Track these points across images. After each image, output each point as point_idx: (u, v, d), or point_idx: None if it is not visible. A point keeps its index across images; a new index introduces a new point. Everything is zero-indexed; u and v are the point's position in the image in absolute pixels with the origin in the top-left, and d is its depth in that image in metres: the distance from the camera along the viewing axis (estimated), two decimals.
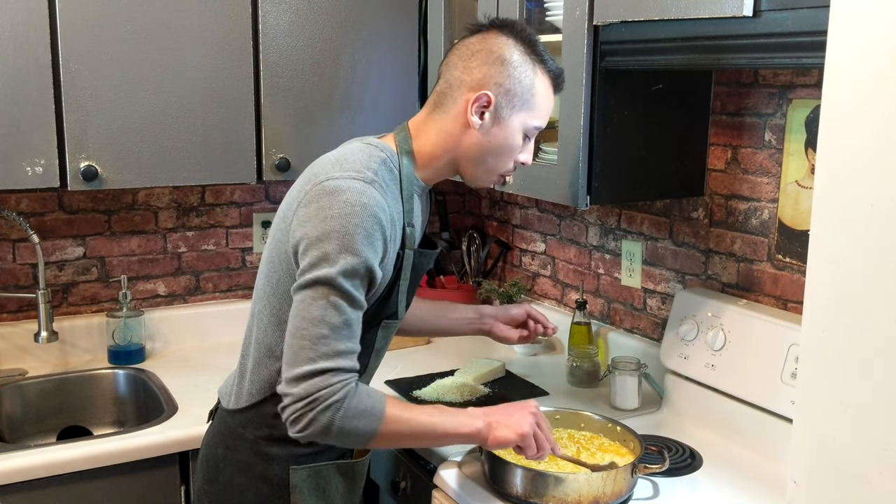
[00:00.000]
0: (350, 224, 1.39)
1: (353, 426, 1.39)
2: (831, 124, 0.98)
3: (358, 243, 1.39)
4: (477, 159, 1.54)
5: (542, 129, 1.57)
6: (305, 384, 1.37)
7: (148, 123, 2.08)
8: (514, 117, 1.52)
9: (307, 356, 1.37)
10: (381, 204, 1.42)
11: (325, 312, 1.38)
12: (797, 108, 1.80)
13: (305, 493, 1.58)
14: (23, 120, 1.95)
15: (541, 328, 1.89)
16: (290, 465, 1.57)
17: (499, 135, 1.52)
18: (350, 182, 1.42)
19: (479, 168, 1.56)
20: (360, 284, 1.42)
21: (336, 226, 1.39)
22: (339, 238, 1.39)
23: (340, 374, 1.38)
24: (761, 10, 1.41)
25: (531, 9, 2.01)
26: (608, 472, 1.53)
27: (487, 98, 1.50)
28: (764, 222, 1.91)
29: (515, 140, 1.53)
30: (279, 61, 2.20)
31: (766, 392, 1.75)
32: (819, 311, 1.01)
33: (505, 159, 1.55)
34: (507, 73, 1.50)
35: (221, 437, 1.63)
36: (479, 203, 2.89)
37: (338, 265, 1.38)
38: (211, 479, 1.63)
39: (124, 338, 2.38)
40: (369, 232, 1.40)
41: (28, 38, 1.93)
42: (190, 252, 2.56)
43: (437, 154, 1.55)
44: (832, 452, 1.00)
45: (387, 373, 2.25)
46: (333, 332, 1.38)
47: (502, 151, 1.54)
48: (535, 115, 1.54)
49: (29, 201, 2.33)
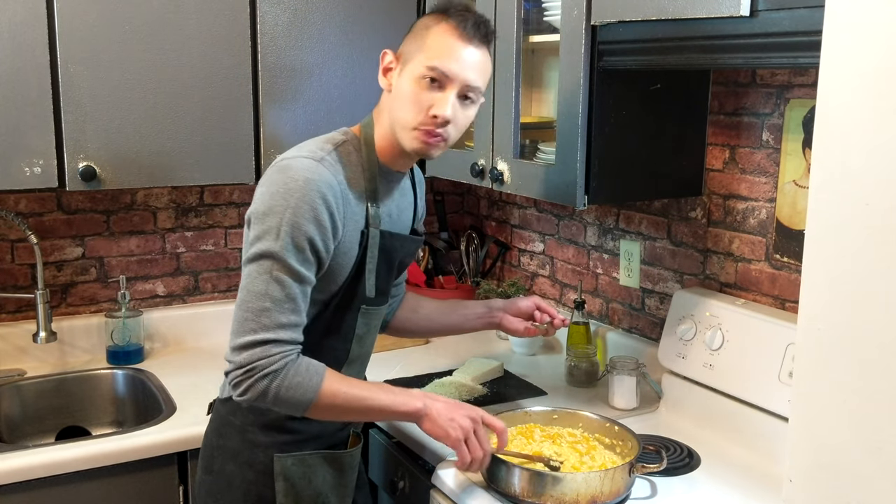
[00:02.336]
0: (293, 199, 1.44)
1: (289, 395, 1.44)
2: (827, 124, 0.98)
3: (300, 217, 1.43)
4: (392, 119, 1.55)
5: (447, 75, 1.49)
6: (246, 353, 1.43)
7: (146, 124, 2.08)
8: (409, 65, 1.52)
9: (250, 328, 1.43)
10: (327, 180, 1.47)
11: (267, 286, 1.44)
12: (795, 108, 1.80)
13: (290, 481, 1.61)
14: (21, 120, 1.95)
15: (547, 318, 1.89)
16: (274, 452, 1.60)
17: (398, 89, 1.54)
18: (299, 161, 1.48)
19: (397, 127, 1.55)
20: (304, 258, 1.45)
21: (280, 201, 1.44)
22: (281, 212, 1.43)
23: (281, 345, 1.44)
24: (758, 10, 1.41)
25: (529, 8, 2.01)
26: (606, 471, 1.53)
27: (386, 54, 1.56)
28: (762, 222, 1.91)
29: (413, 87, 1.51)
30: (277, 62, 2.20)
31: (764, 391, 1.75)
32: (815, 310, 1.01)
33: (408, 109, 1.52)
34: (411, 30, 1.57)
35: (215, 426, 1.67)
36: (478, 203, 2.89)
37: (280, 240, 1.43)
38: (207, 468, 1.66)
39: (123, 338, 2.38)
40: (312, 206, 1.44)
41: (26, 38, 1.93)
42: (189, 252, 2.56)
43: (384, 132, 1.58)
44: (828, 451, 1.00)
45: (385, 373, 2.25)
46: (276, 306, 1.44)
47: (404, 101, 1.52)
48: (427, 57, 1.50)
49: (27, 201, 2.34)
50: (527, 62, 2.32)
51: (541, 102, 2.43)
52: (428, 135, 1.53)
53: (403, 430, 1.92)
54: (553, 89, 2.31)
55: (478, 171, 2.11)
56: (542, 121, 2.27)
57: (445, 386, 2.13)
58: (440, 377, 2.19)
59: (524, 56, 2.01)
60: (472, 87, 1.53)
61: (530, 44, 2.06)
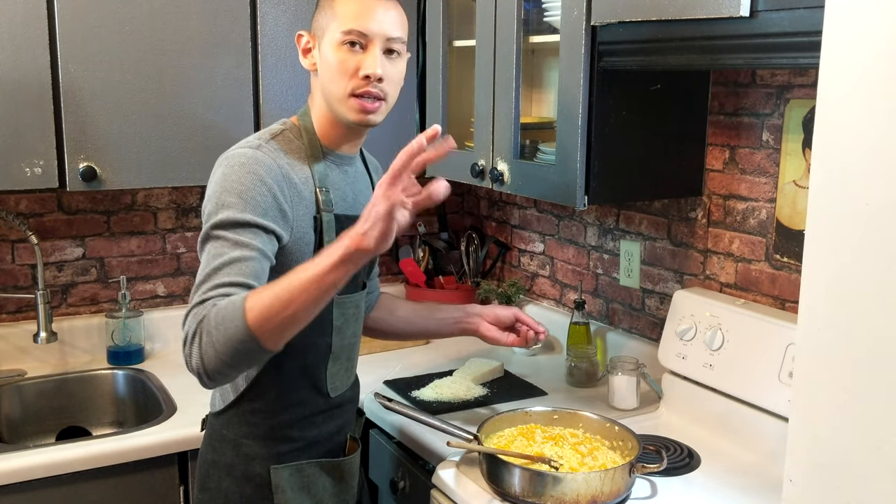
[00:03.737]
0: (227, 182, 1.44)
1: (221, 335, 1.29)
2: (826, 124, 0.98)
3: (234, 197, 1.42)
4: (327, 95, 1.54)
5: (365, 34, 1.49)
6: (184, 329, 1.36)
7: (147, 124, 2.08)
8: (325, 37, 1.52)
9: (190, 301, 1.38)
10: (263, 163, 1.46)
11: (207, 261, 1.40)
12: (794, 108, 1.81)
13: (289, 493, 1.58)
14: (22, 121, 1.95)
15: (532, 333, 1.83)
16: (270, 464, 1.57)
17: (323, 61, 1.53)
18: (236, 151, 1.50)
19: (334, 103, 1.53)
20: (243, 230, 1.40)
21: (217, 188, 1.45)
22: (217, 196, 1.44)
23: (208, 302, 1.34)
24: (758, 11, 1.41)
25: (529, 9, 2.02)
26: (606, 471, 1.53)
27: (306, 38, 1.57)
28: (762, 222, 1.91)
29: (336, 56, 1.50)
30: (278, 62, 2.20)
31: (764, 391, 1.75)
32: (814, 310, 1.01)
33: (338, 78, 1.50)
34: (317, 7, 1.57)
35: (210, 441, 1.63)
36: (478, 203, 2.89)
37: (215, 219, 1.42)
38: (202, 486, 1.63)
39: (123, 338, 2.38)
40: (247, 187, 1.43)
41: (27, 39, 1.94)
42: (189, 253, 2.56)
43: (320, 114, 1.58)
44: (828, 450, 1.00)
45: (385, 373, 2.25)
46: (212, 273, 1.37)
47: (331, 72, 1.51)
48: (341, 23, 1.49)
49: (28, 202, 2.34)
50: (527, 62, 2.32)
51: (541, 103, 2.43)
52: (365, 98, 1.50)
53: (404, 430, 1.92)
54: (553, 90, 2.31)
55: (478, 171, 2.11)
56: (543, 121, 2.28)
57: (446, 386, 2.13)
58: (441, 377, 2.20)
59: (524, 56, 2.01)
60: (394, 39, 1.52)
61: (530, 44, 2.06)
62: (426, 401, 2.06)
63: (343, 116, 1.53)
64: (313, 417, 1.63)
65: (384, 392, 2.07)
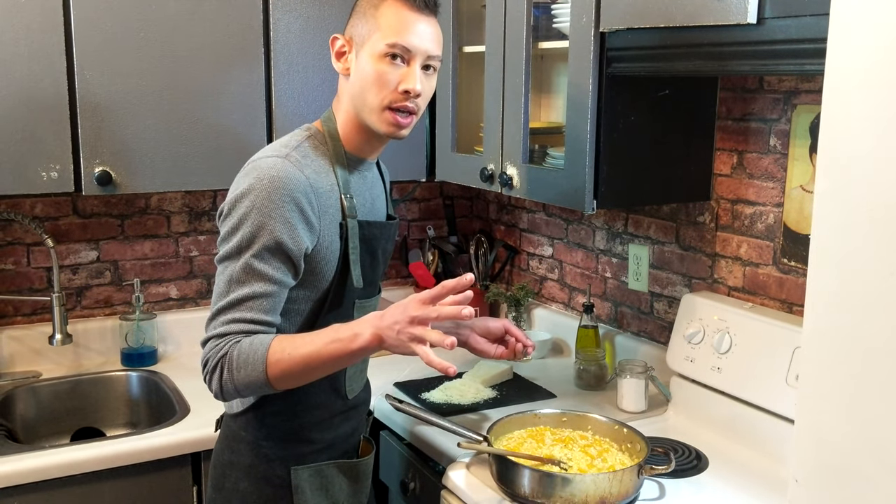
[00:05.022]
0: (257, 199, 1.44)
1: (242, 377, 1.41)
2: (831, 129, 1.00)
3: (267, 218, 1.43)
4: (359, 104, 1.53)
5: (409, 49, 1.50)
6: (203, 351, 1.46)
7: (161, 129, 2.11)
8: (366, 46, 1.51)
9: (210, 325, 1.46)
10: (292, 177, 1.46)
11: (228, 286, 1.45)
12: (802, 114, 1.82)
13: (308, 494, 1.60)
14: (38, 126, 1.98)
15: (520, 346, 1.81)
16: (290, 464, 1.59)
17: (358, 72, 1.53)
18: (265, 160, 1.48)
19: (366, 112, 1.53)
20: (269, 257, 1.44)
21: (246, 203, 1.44)
22: (245, 212, 1.44)
23: (229, 336, 1.43)
24: (765, 18, 1.43)
25: (538, 15, 2.03)
26: (615, 473, 1.54)
27: (336, 40, 1.56)
28: (769, 226, 1.92)
29: (376, 67, 1.50)
30: (290, 68, 2.23)
31: (772, 394, 1.76)
32: (820, 313, 1.02)
33: (375, 90, 1.51)
34: (356, 11, 1.56)
35: (227, 442, 1.64)
36: (487, 207, 2.91)
37: (241, 238, 1.44)
38: (217, 486, 1.64)
39: (137, 340, 2.41)
40: (277, 204, 1.44)
41: (43, 45, 1.96)
42: (202, 256, 2.58)
43: (345, 119, 1.58)
44: (833, 451, 1.02)
45: (395, 375, 2.27)
46: (234, 304, 1.44)
47: (369, 83, 1.51)
48: (384, 35, 1.49)
49: (43, 206, 2.37)
50: (536, 68, 2.34)
51: (550, 108, 2.45)
52: (399, 113, 1.52)
53: (415, 432, 1.94)
54: (562, 95, 2.33)
55: (487, 175, 2.13)
56: (552, 126, 2.29)
57: (456, 388, 2.15)
58: (450, 379, 2.21)
59: (533, 62, 2.03)
60: (433, 57, 1.53)
61: (539, 50, 2.08)
62: (436, 403, 2.08)
63: (373, 126, 1.54)
64: (332, 419, 1.64)
65: (394, 394, 2.09)
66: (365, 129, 1.56)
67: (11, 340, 2.35)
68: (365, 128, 1.56)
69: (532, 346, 1.83)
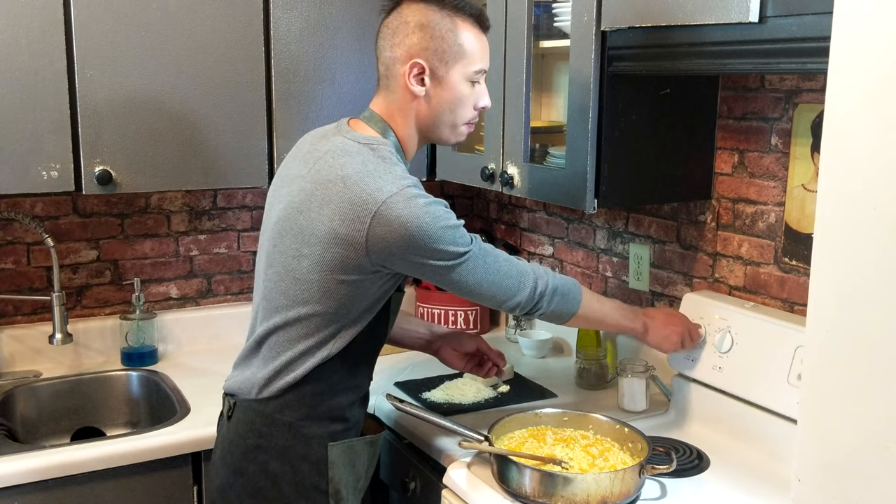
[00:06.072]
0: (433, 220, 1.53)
1: (557, 305, 1.69)
2: (835, 128, 0.99)
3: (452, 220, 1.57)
4: (437, 122, 1.65)
5: (487, 70, 1.66)
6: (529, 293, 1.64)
7: (161, 128, 2.11)
8: (451, 72, 1.61)
9: (521, 283, 1.63)
10: (427, 195, 1.56)
11: (501, 264, 1.62)
12: (803, 113, 1.82)
13: (340, 468, 1.67)
14: (38, 125, 1.98)
15: (494, 369, 1.94)
16: (327, 441, 1.65)
17: (444, 94, 1.62)
18: (405, 193, 1.52)
19: (442, 128, 1.66)
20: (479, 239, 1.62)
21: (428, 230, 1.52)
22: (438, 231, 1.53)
23: (542, 277, 1.67)
24: (767, 17, 1.42)
25: (539, 14, 2.03)
26: (616, 472, 1.54)
27: (420, 66, 1.60)
28: (771, 226, 1.92)
29: (461, 91, 1.62)
30: (290, 67, 2.22)
31: (773, 394, 1.76)
32: (823, 312, 1.02)
33: (460, 112, 1.64)
34: (429, 35, 1.60)
35: (251, 427, 1.65)
36: (488, 206, 2.91)
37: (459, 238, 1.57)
38: (239, 470, 1.65)
39: (137, 340, 2.40)
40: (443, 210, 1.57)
41: (44, 44, 1.96)
42: (202, 255, 2.58)
43: (408, 133, 1.67)
44: (836, 451, 1.02)
45: (396, 374, 2.27)
46: (509, 261, 1.63)
47: (455, 106, 1.63)
48: (471, 61, 1.61)
49: (44, 205, 2.36)
50: (537, 67, 2.34)
51: (550, 107, 2.45)
52: (470, 125, 1.68)
53: (415, 431, 1.93)
54: (563, 94, 2.33)
55: (488, 174, 2.13)
56: (552, 125, 2.29)
57: (456, 388, 2.15)
58: (451, 379, 2.21)
59: (534, 61, 2.03)
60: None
61: (540, 49, 2.08)
62: (437, 402, 2.08)
63: (443, 139, 1.68)
64: (363, 400, 1.73)
65: (395, 393, 2.09)
66: (425, 141, 1.69)
67: (11, 340, 2.35)
68: (426, 140, 1.69)
69: (503, 369, 1.96)
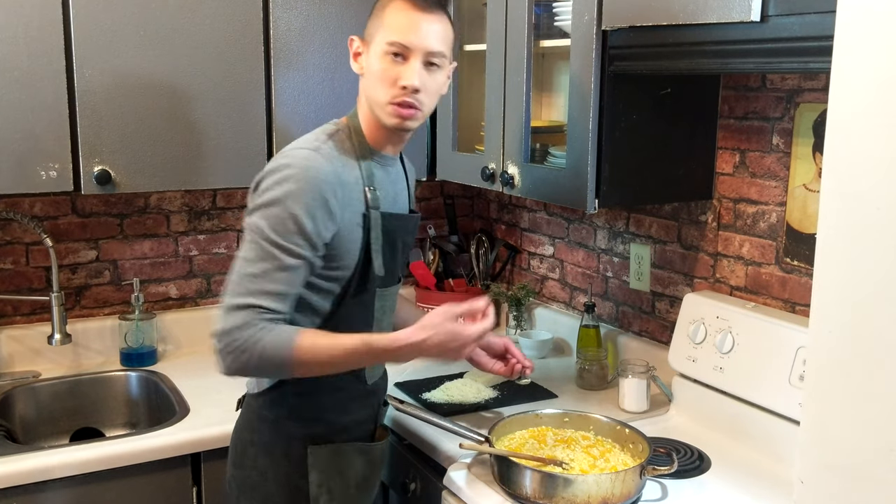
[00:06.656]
0: (290, 188, 1.51)
1: (266, 363, 1.48)
2: (838, 128, 0.99)
3: (296, 204, 1.51)
4: (371, 101, 1.63)
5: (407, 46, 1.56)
6: (231, 317, 1.48)
7: (160, 128, 2.10)
8: (372, 46, 1.61)
9: (237, 291, 1.50)
10: (322, 168, 1.54)
11: (258, 255, 1.51)
12: (805, 112, 1.81)
13: (324, 472, 1.65)
14: (37, 125, 1.97)
15: (519, 367, 1.89)
16: (309, 443, 1.64)
17: (368, 67, 1.62)
18: (298, 151, 1.57)
19: (376, 108, 1.62)
20: (298, 241, 1.51)
21: (280, 190, 1.52)
22: (280, 198, 1.51)
23: (262, 311, 1.48)
24: (769, 16, 1.42)
25: (540, 13, 2.03)
26: (617, 473, 1.54)
27: (357, 43, 1.65)
28: (772, 225, 1.91)
29: (379, 63, 1.59)
30: (290, 66, 2.22)
31: (775, 394, 1.76)
32: (826, 313, 1.02)
33: (380, 86, 1.60)
34: (371, 13, 1.64)
35: (247, 421, 1.71)
36: (488, 206, 2.91)
37: (274, 220, 1.51)
38: (237, 463, 1.70)
39: (136, 340, 2.40)
40: (306, 193, 1.51)
41: (42, 44, 1.96)
42: (201, 255, 2.58)
43: (367, 116, 1.66)
44: (839, 452, 1.01)
45: (396, 375, 2.26)
46: (264, 274, 1.50)
47: (375, 79, 1.60)
48: (387, 34, 1.58)
49: (42, 205, 2.36)
50: (537, 66, 2.33)
51: (551, 107, 2.44)
52: (402, 107, 1.59)
53: (416, 432, 1.93)
54: (563, 93, 2.32)
55: (488, 174, 2.12)
56: (553, 125, 2.29)
57: (457, 388, 2.14)
58: (451, 379, 2.21)
59: (534, 60, 2.02)
60: (435, 53, 1.59)
61: (541, 48, 2.07)
62: (437, 403, 2.07)
63: (383, 120, 1.63)
64: (350, 403, 1.71)
65: (395, 394, 2.09)
66: (380, 124, 1.64)
67: (10, 340, 2.35)
68: (379, 123, 1.64)
69: (530, 367, 1.90)
